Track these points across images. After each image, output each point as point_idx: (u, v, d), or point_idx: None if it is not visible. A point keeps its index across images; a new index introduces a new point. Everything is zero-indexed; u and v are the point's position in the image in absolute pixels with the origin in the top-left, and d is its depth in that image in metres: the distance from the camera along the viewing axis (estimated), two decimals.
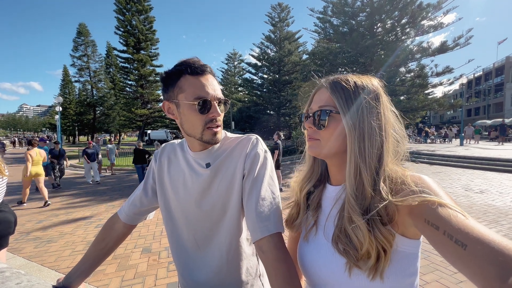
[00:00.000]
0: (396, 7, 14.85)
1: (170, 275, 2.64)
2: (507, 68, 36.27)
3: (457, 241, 0.40)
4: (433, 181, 0.52)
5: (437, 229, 0.44)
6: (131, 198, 0.90)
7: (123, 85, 27.57)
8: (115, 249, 0.89)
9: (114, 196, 6.46)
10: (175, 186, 0.82)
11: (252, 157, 0.76)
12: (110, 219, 0.91)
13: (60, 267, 2.86)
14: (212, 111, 0.71)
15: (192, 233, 0.80)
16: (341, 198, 0.61)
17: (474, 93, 44.89)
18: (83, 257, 0.84)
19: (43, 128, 74.20)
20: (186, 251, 0.82)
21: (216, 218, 0.77)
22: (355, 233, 0.53)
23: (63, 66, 41.44)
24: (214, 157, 0.79)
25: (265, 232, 0.65)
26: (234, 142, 0.81)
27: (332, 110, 0.58)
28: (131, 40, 25.53)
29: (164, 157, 0.89)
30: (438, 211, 0.45)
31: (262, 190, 0.71)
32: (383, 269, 0.51)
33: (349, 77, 0.61)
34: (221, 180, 0.77)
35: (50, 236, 3.83)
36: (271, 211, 0.69)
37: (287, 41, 27.54)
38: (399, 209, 0.51)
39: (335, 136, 0.59)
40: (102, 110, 37.12)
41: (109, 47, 36.29)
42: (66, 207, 5.56)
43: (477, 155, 10.12)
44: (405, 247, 0.53)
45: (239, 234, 0.79)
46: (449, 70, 15.28)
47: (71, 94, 39.98)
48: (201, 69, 0.71)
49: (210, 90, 0.71)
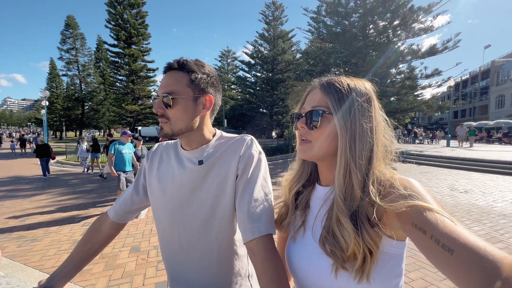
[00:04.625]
0: (388, 9, 15.07)
1: (158, 274, 2.61)
2: (492, 72, 37.52)
3: (444, 246, 0.41)
4: (421, 185, 0.53)
5: (424, 233, 0.44)
6: (122, 196, 0.89)
7: (114, 80, 26.94)
8: (101, 250, 0.87)
9: (102, 194, 6.33)
10: (163, 184, 0.81)
11: (246, 158, 0.75)
12: (97, 219, 0.89)
13: (45, 267, 2.78)
14: (153, 107, 0.73)
15: (177, 233, 0.79)
16: (330, 198, 0.62)
17: (461, 95, 46.25)
18: (68, 258, 0.82)
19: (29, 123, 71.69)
20: (174, 251, 0.81)
21: (205, 217, 0.76)
22: (342, 234, 0.54)
23: (50, 59, 40.11)
24: (207, 155, 0.78)
25: (256, 234, 0.65)
26: (229, 141, 0.80)
27: (325, 111, 0.59)
28: (122, 34, 24.93)
29: (156, 156, 0.88)
30: (425, 216, 0.45)
31: (255, 191, 0.71)
32: (369, 270, 0.52)
33: (342, 78, 0.61)
34: (214, 178, 0.76)
35: (34, 235, 3.72)
36: (262, 213, 0.69)
37: (281, 39, 27.56)
38: (387, 212, 0.51)
39: (326, 137, 0.59)
40: (91, 105, 36.18)
41: (100, 41, 35.35)
42: (52, 204, 5.40)
43: (462, 156, 10.45)
44: (391, 248, 0.54)
45: (231, 234, 0.79)
46: (438, 73, 15.67)
47: (59, 88, 38.72)
48: (166, 67, 0.75)
49: (159, 87, 0.74)
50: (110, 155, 4.86)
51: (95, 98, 34.66)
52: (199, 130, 0.77)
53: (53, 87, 38.16)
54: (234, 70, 40.91)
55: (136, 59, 25.72)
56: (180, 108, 0.71)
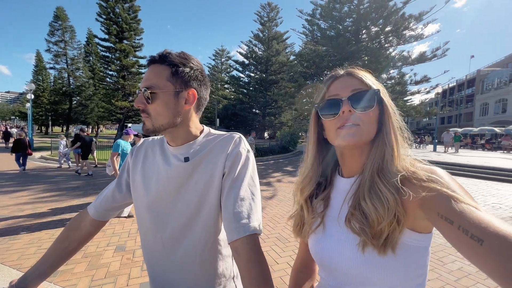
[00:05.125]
0: (381, 16, 15.38)
1: (144, 274, 2.54)
2: (477, 81, 38.93)
3: (473, 236, 0.39)
4: (446, 172, 0.52)
5: (451, 224, 0.43)
6: (104, 192, 0.85)
7: (104, 75, 26.22)
8: (80, 248, 0.82)
9: (88, 191, 6.14)
10: (147, 182, 0.77)
11: (233, 156, 0.73)
12: (76, 216, 0.85)
13: (23, 266, 2.66)
14: (135, 101, 0.70)
15: (160, 232, 0.76)
16: (353, 189, 0.61)
17: (447, 102, 47.75)
18: (43, 257, 0.77)
19: (12, 117, 68.97)
20: (155, 251, 0.78)
21: (190, 216, 0.73)
22: (374, 205, 0.53)
23: (36, 51, 38.70)
24: (194, 152, 0.75)
25: (241, 233, 0.63)
26: (217, 139, 0.78)
27: (376, 90, 0.59)
28: (114, 29, 24.33)
29: (141, 152, 0.84)
30: (451, 205, 0.44)
31: (242, 190, 0.69)
32: (396, 241, 0.51)
33: (360, 68, 0.64)
34: (200, 176, 0.73)
35: (13, 232, 3.55)
36: (249, 212, 0.66)
37: (275, 41, 27.67)
38: (410, 201, 0.50)
39: (375, 118, 0.59)
40: (79, 100, 35.14)
41: (90, 35, 34.38)
42: (33, 201, 5.20)
43: (447, 161, 10.77)
44: (414, 241, 0.53)
45: (216, 234, 0.76)
46: (426, 79, 16.14)
47: (45, 82, 37.42)
48: (148, 60, 0.71)
49: (143, 79, 0.70)
50: (114, 154, 4.31)
51: (84, 93, 33.70)
52: (184, 126, 0.74)
53: (40, 80, 36.86)
54: (228, 70, 40.77)
55: (128, 55, 25.17)
56: (160, 103, 0.68)
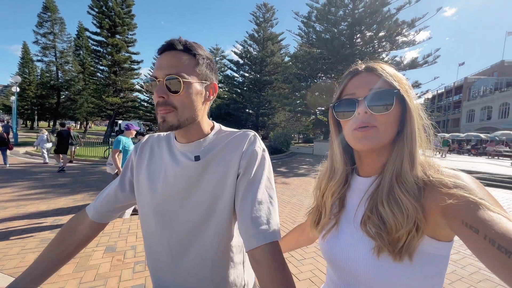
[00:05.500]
0: (375, 21, 15.65)
1: (135, 276, 2.45)
2: (464, 88, 40.23)
3: (500, 247, 0.37)
4: (472, 178, 0.48)
5: (476, 233, 0.40)
6: (105, 192, 0.78)
7: (94, 70, 25.52)
8: (76, 253, 0.75)
9: (76, 189, 5.92)
10: (153, 182, 0.71)
11: (249, 155, 0.67)
12: (74, 218, 0.77)
13: (5, 267, 2.51)
14: (155, 91, 0.62)
15: (166, 236, 0.69)
16: (370, 190, 0.59)
17: (436, 108, 49.13)
18: (35, 261, 0.69)
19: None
20: (161, 257, 0.71)
21: (200, 219, 0.68)
22: (392, 211, 0.50)
23: (23, 43, 37.32)
24: (205, 150, 0.69)
25: (262, 241, 0.57)
26: (229, 136, 0.72)
27: (396, 90, 0.54)
28: (106, 23, 23.72)
29: (146, 149, 0.78)
30: (477, 212, 0.41)
31: (259, 193, 0.63)
32: (414, 248, 0.49)
33: (382, 62, 0.60)
34: (211, 176, 0.67)
35: None
36: (268, 217, 0.61)
37: (271, 41, 27.72)
38: (432, 206, 0.48)
39: (393, 120, 0.55)
40: (68, 95, 34.05)
41: (81, 28, 33.40)
42: (17, 199, 4.96)
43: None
44: (434, 249, 0.50)
45: (228, 239, 0.70)
46: (417, 85, 16.55)
47: (32, 74, 36.04)
48: (164, 47, 0.63)
49: (161, 66, 0.61)
50: (116, 151, 3.99)
51: (73, 87, 32.68)
52: (199, 122, 0.69)
53: (26, 73, 35.50)
54: (222, 69, 40.58)
55: (120, 50, 24.58)
56: (188, 94, 0.62)
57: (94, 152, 12.26)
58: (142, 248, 3.04)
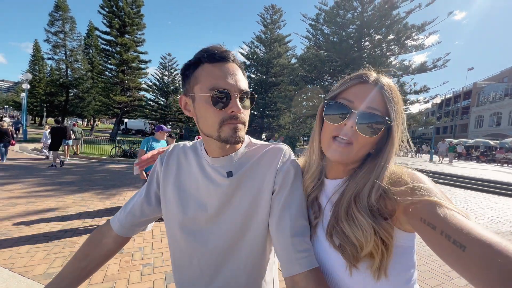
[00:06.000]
0: (384, 24, 15.51)
1: (144, 279, 2.43)
2: (473, 93, 39.55)
3: (455, 242, 0.39)
4: (428, 178, 0.51)
5: (433, 229, 0.42)
6: (129, 205, 0.75)
7: (103, 68, 25.81)
8: (99, 268, 0.73)
9: (83, 187, 5.97)
10: (183, 198, 0.68)
11: (285, 171, 0.64)
12: (97, 231, 0.75)
13: (15, 266, 2.52)
14: (231, 106, 0.58)
15: (197, 256, 0.67)
16: (339, 192, 0.61)
17: (443, 113, 48.39)
18: (57, 277, 0.67)
19: (6, 106, 67.55)
20: (191, 278, 0.69)
21: (233, 238, 0.65)
22: (354, 233, 0.53)
23: (35, 41, 38.07)
24: (237, 165, 0.66)
25: (305, 266, 0.54)
26: (261, 149, 0.69)
27: (388, 120, 0.55)
28: (116, 22, 24.01)
29: (173, 160, 0.75)
30: (434, 210, 0.43)
31: (297, 211, 0.61)
32: (387, 266, 0.51)
33: (391, 81, 0.59)
34: (245, 193, 0.65)
35: (5, 229, 3.40)
36: (308, 239, 0.59)
37: (277, 43, 27.71)
38: (394, 207, 0.51)
39: (372, 142, 0.57)
40: (77, 93, 34.53)
41: (91, 27, 33.93)
42: (26, 195, 5.02)
43: (445, 171, 10.83)
44: (403, 241, 0.53)
45: (262, 258, 0.67)
46: (425, 89, 16.30)
47: (42, 72, 36.72)
48: (221, 56, 0.59)
49: (229, 79, 0.59)
50: (141, 152, 3.91)
51: (82, 85, 33.11)
52: None
53: (36, 70, 36.20)
54: None
55: (129, 49, 24.83)
56: (249, 110, 0.64)
57: (101, 150, 12.38)
58: (149, 250, 3.04)
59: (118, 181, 6.85)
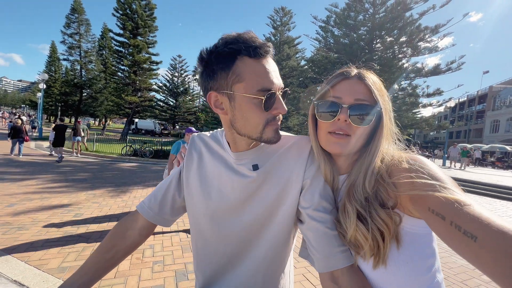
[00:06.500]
0: (396, 26, 15.26)
1: (155, 276, 2.45)
2: (489, 97, 38.31)
3: (466, 232, 0.38)
4: (432, 163, 0.50)
5: (443, 219, 0.41)
6: (160, 194, 0.73)
7: (115, 69, 26.48)
8: (124, 259, 0.73)
9: (95, 184, 6.10)
10: (207, 190, 0.68)
11: (316, 164, 0.63)
12: (122, 222, 0.75)
13: (31, 259, 2.59)
14: (277, 107, 0.56)
15: (222, 246, 0.67)
16: (342, 190, 0.62)
17: (457, 117, 47.05)
18: (82, 268, 0.67)
19: (22, 105, 70.12)
20: (215, 265, 0.69)
21: (257, 230, 0.64)
22: (344, 222, 0.54)
23: (51, 42, 39.46)
24: (263, 157, 0.65)
25: (346, 261, 0.53)
26: (289, 141, 0.67)
27: (378, 108, 0.56)
28: (129, 24, 24.60)
29: (194, 150, 0.74)
30: (443, 199, 0.42)
31: (332, 207, 0.60)
32: (385, 255, 0.50)
33: (373, 73, 0.62)
34: (271, 186, 0.63)
35: (21, 223, 3.50)
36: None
37: (287, 45, 27.66)
38: (401, 196, 0.49)
39: (367, 132, 0.58)
40: (90, 93, 35.54)
41: (105, 29, 34.88)
42: (41, 191, 5.17)
43: (459, 177, 10.50)
44: (415, 228, 0.51)
45: (283, 250, 0.67)
46: (439, 92, 15.88)
47: (57, 73, 38.02)
48: (265, 50, 0.55)
49: (274, 78, 0.56)
50: (172, 157, 3.87)
51: (95, 85, 34.05)
52: None
53: (52, 71, 37.49)
54: None
55: (141, 51, 25.38)
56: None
57: (112, 149, 12.64)
58: (159, 248, 3.06)
59: (128, 179, 6.97)
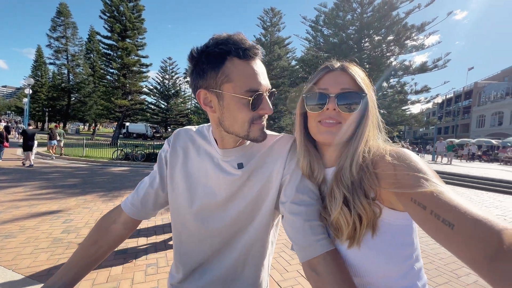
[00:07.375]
0: (384, 25, 15.56)
1: (148, 279, 2.42)
2: (474, 93, 39.48)
3: (444, 221, 0.39)
4: (415, 155, 0.51)
5: (424, 209, 0.43)
6: (143, 190, 0.74)
7: (104, 72, 25.97)
8: (108, 254, 0.72)
9: (86, 190, 5.97)
10: (193, 186, 0.68)
11: (295, 161, 0.65)
12: (105, 217, 0.74)
13: (19, 267, 2.51)
14: (264, 107, 0.58)
15: (207, 240, 0.67)
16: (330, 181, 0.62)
17: (445, 113, 48.28)
18: (66, 265, 0.66)
19: (8, 111, 68.02)
20: (198, 257, 0.70)
21: (241, 225, 0.66)
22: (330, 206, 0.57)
23: (37, 46, 38.45)
24: (247, 156, 0.67)
25: (323, 248, 0.54)
26: (271, 140, 0.69)
27: (364, 93, 0.59)
28: (117, 27, 24.22)
29: (179, 146, 0.73)
30: (424, 190, 0.43)
31: (311, 199, 0.62)
32: (359, 237, 0.53)
33: (355, 64, 0.64)
34: (255, 183, 0.65)
35: (8, 231, 3.40)
36: (321, 222, 0.58)
37: (277, 45, 27.80)
38: (385, 186, 0.51)
39: (356, 119, 0.59)
40: (78, 97, 34.79)
41: (92, 32, 34.33)
42: (29, 198, 5.02)
43: (448, 171, 10.78)
44: (393, 219, 0.54)
45: (264, 245, 0.69)
46: (426, 89, 16.27)
47: (44, 77, 37.03)
48: (253, 52, 0.56)
49: (262, 79, 0.58)
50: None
51: (83, 89, 33.38)
52: None
53: (38, 75, 36.51)
54: None
55: (130, 53, 25.01)
56: None
57: (103, 154, 12.41)
58: (153, 250, 3.02)
59: (119, 184, 6.85)
